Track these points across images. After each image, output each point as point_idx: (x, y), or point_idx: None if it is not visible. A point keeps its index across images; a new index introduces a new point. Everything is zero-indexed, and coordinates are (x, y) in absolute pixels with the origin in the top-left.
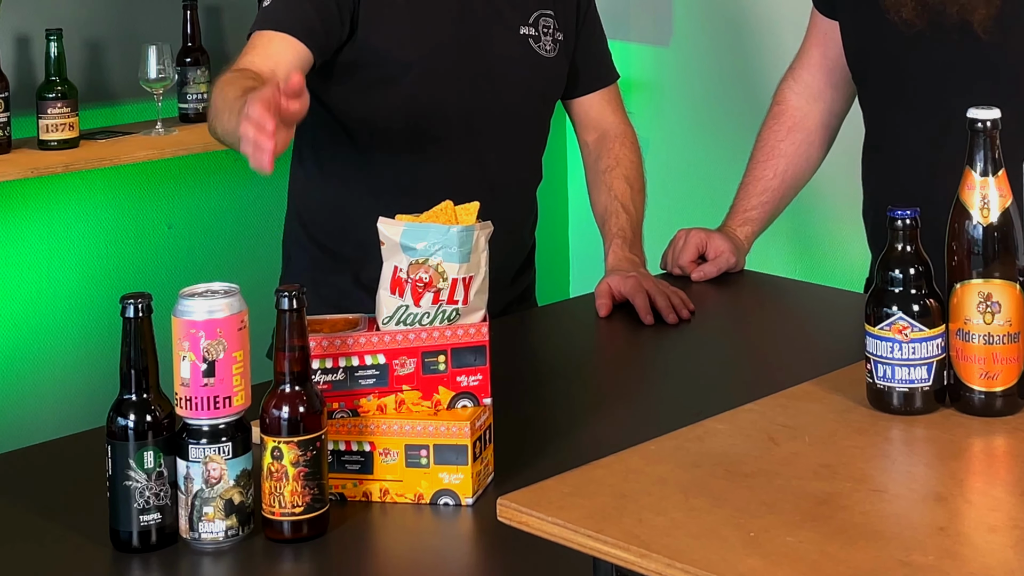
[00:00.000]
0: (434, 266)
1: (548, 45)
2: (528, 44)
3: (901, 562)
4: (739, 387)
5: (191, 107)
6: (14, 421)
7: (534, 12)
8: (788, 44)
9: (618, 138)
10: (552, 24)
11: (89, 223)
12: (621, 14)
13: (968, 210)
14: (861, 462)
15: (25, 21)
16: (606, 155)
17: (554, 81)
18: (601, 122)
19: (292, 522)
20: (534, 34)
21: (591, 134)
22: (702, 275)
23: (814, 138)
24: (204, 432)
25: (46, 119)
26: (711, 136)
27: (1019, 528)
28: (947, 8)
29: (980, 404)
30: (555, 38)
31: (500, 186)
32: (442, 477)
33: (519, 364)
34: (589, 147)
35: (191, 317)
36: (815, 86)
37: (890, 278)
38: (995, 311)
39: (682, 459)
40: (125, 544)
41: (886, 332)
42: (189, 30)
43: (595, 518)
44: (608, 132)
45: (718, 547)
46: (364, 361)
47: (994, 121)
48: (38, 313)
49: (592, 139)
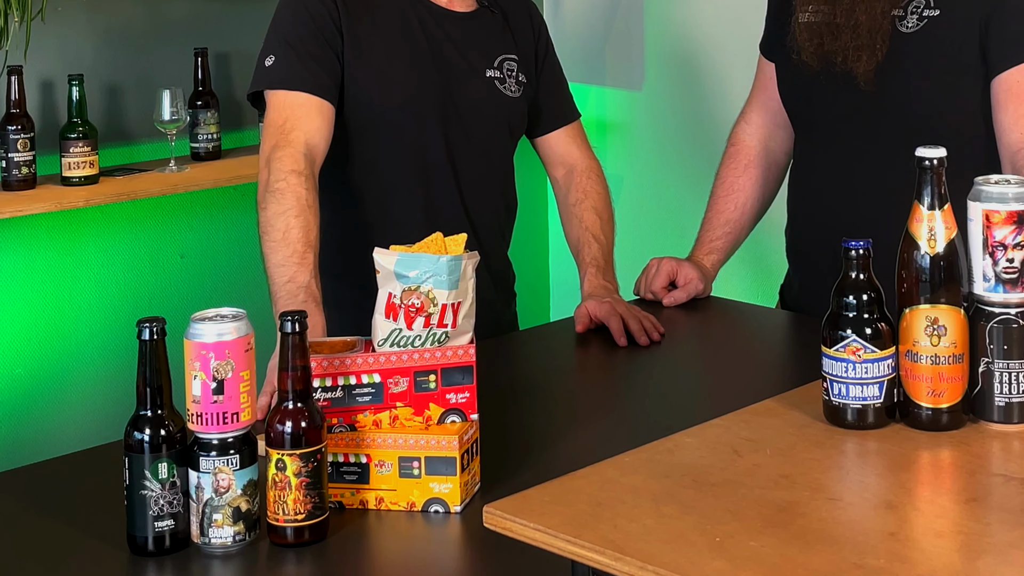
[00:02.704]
0: (425, 292)
1: (513, 86)
2: (494, 85)
3: (855, 565)
4: (706, 404)
5: (202, 146)
6: (40, 435)
7: (498, 56)
8: (747, 90)
9: (585, 172)
10: (515, 67)
11: (108, 253)
12: (597, 61)
13: (916, 241)
14: (818, 473)
15: (49, 67)
16: (575, 189)
17: (519, 117)
18: (568, 157)
19: (295, 528)
20: (499, 76)
21: (559, 170)
22: (673, 300)
23: (768, 174)
24: (214, 445)
25: (68, 157)
26: (679, 173)
27: (963, 533)
28: (835, 57)
29: (928, 420)
30: (518, 80)
31: (476, 214)
32: (433, 487)
33: (503, 383)
34: (559, 182)
35: (202, 339)
36: (764, 127)
37: (844, 303)
38: (941, 334)
39: (653, 470)
40: (141, 548)
41: (841, 353)
42: (200, 75)
43: (573, 524)
44: (575, 167)
45: (687, 551)
46: (361, 380)
47: (940, 159)
48: (61, 336)
49: (561, 175)
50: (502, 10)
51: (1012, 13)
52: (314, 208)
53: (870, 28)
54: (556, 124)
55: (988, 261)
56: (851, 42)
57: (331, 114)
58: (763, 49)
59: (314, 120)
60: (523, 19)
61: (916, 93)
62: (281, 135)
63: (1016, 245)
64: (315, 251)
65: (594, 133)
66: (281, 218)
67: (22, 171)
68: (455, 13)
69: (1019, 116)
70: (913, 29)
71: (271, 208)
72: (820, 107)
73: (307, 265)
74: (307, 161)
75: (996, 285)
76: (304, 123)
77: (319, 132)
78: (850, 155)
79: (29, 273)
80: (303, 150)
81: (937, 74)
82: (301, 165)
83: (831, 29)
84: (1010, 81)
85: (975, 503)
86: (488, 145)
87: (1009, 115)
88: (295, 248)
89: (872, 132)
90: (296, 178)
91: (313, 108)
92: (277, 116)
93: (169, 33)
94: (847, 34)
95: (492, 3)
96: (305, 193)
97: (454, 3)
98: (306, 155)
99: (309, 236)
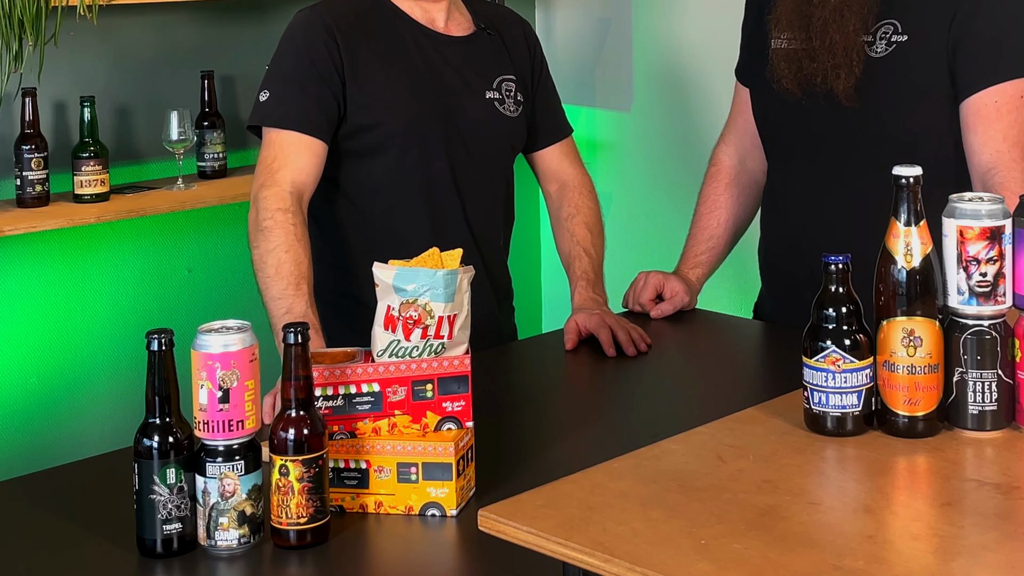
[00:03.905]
0: (422, 305)
1: (511, 106)
2: (494, 106)
3: (834, 566)
4: (691, 411)
5: (208, 165)
6: (53, 441)
7: (496, 77)
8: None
9: (577, 188)
10: (513, 87)
11: (118, 267)
12: (588, 84)
13: (893, 256)
14: (799, 478)
15: (62, 90)
16: (567, 204)
17: (518, 136)
18: (561, 173)
19: (297, 531)
20: (498, 97)
21: (553, 184)
22: (660, 313)
23: (747, 192)
24: (220, 452)
25: (80, 176)
26: (666, 191)
27: (938, 536)
28: (815, 78)
29: (904, 427)
30: (516, 99)
31: (480, 230)
32: (430, 491)
33: (497, 392)
34: (552, 197)
35: (208, 350)
36: (743, 148)
37: (824, 316)
38: (917, 345)
39: (641, 475)
40: (150, 550)
41: (821, 363)
42: (206, 97)
43: (564, 527)
44: (568, 182)
45: (673, 553)
46: (361, 389)
47: (916, 177)
48: (74, 346)
49: (554, 189)
50: (498, 32)
51: (979, 39)
52: (303, 240)
53: (845, 46)
54: (550, 141)
55: (962, 275)
56: (829, 61)
57: (321, 150)
58: (742, 78)
59: (302, 158)
60: (519, 39)
61: (887, 116)
62: (268, 174)
63: (989, 260)
64: (308, 281)
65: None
66: (272, 254)
67: (36, 189)
68: (453, 37)
69: (988, 138)
70: (882, 54)
71: (262, 246)
72: (795, 130)
73: (302, 295)
74: (293, 198)
75: (970, 298)
76: (292, 161)
77: (306, 170)
78: (824, 176)
79: (43, 286)
80: (289, 188)
81: (907, 97)
82: (287, 203)
83: (808, 53)
84: (979, 104)
85: (949, 507)
86: (490, 163)
87: (979, 136)
88: (289, 281)
89: (845, 154)
90: (282, 215)
91: (302, 146)
92: (267, 154)
93: (177, 57)
94: (824, 55)
95: (488, 25)
96: (292, 228)
97: (451, 28)
98: (292, 192)
99: (301, 268)
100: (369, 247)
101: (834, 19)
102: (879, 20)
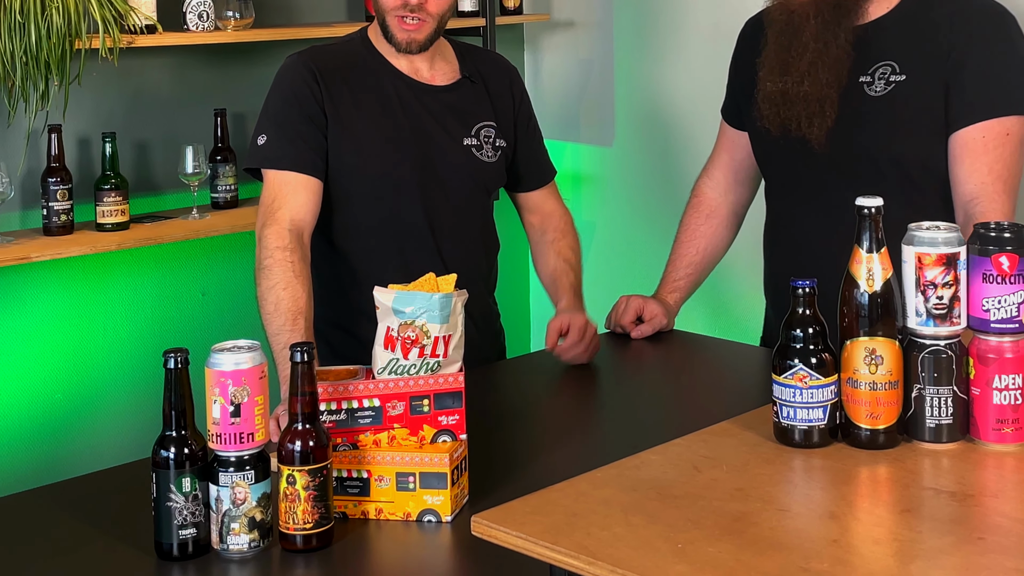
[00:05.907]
0: (420, 326)
1: (489, 152)
2: (471, 152)
3: (802, 568)
4: (669, 425)
5: (220, 196)
6: (76, 453)
7: (476, 124)
8: (708, 146)
9: (560, 219)
10: (493, 133)
11: (137, 291)
12: (572, 120)
13: (856, 280)
14: (769, 486)
15: (85, 126)
16: (551, 229)
17: (495, 179)
18: (543, 207)
19: (303, 536)
20: (476, 143)
21: (535, 217)
22: (640, 334)
23: (726, 223)
24: (231, 462)
25: (102, 206)
26: (646, 220)
27: (898, 541)
28: (791, 123)
29: (866, 439)
30: (496, 145)
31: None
32: (426, 499)
33: (489, 407)
34: (534, 225)
35: (221, 368)
36: (724, 182)
37: (792, 336)
38: (879, 363)
39: (622, 484)
40: (166, 554)
41: (789, 380)
42: (219, 133)
43: (551, 532)
44: (550, 214)
45: (652, 556)
46: (362, 404)
47: (878, 208)
48: (96, 364)
49: (536, 220)
50: (483, 79)
51: (970, 78)
52: (302, 276)
53: (818, 98)
54: (536, 185)
55: (920, 298)
56: (803, 111)
57: (317, 187)
58: (728, 116)
59: (299, 196)
60: (503, 87)
61: (884, 150)
62: (268, 214)
63: (945, 284)
64: (306, 315)
65: (569, 185)
66: (272, 292)
67: (61, 218)
68: (435, 87)
69: (974, 170)
70: (881, 93)
71: (263, 284)
72: (793, 167)
73: (299, 329)
74: (292, 235)
75: (927, 320)
76: (290, 200)
77: (304, 206)
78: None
79: (67, 308)
80: (288, 226)
81: (903, 132)
82: (286, 240)
83: (785, 99)
84: (966, 138)
85: (908, 513)
86: (465, 206)
87: (964, 168)
88: (287, 317)
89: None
90: (281, 253)
91: (299, 185)
92: (267, 195)
93: (192, 95)
94: (799, 104)
95: (474, 73)
96: (291, 265)
97: (435, 77)
98: (291, 230)
99: (299, 304)
100: (345, 282)
101: (810, 72)
102: (876, 62)
